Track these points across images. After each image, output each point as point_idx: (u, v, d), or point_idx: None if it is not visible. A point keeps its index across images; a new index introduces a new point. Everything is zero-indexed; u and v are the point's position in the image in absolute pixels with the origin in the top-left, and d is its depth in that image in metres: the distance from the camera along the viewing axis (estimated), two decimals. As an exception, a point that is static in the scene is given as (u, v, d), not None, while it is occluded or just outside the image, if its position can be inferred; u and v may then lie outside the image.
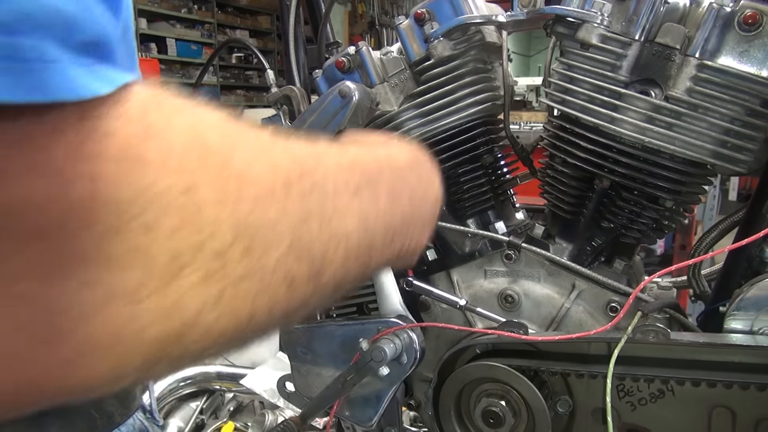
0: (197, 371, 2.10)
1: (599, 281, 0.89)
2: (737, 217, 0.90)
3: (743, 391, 0.75)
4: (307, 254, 0.37)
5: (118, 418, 0.52)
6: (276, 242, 0.35)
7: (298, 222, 0.37)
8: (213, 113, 0.35)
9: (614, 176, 0.85)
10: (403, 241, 0.53)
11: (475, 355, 0.91)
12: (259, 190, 0.34)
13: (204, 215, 0.31)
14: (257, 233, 0.34)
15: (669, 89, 0.79)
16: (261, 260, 0.34)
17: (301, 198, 0.37)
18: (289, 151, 0.39)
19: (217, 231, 0.31)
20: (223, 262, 0.32)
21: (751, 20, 0.73)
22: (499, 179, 1.01)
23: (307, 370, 0.95)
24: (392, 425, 0.94)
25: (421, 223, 0.56)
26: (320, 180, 0.40)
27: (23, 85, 0.24)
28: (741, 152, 0.79)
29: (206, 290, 0.31)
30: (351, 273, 0.44)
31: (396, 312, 0.88)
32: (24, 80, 0.24)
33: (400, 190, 0.52)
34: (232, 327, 0.34)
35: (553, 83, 0.87)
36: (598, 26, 0.80)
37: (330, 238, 0.40)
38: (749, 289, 0.79)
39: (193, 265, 0.30)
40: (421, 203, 0.57)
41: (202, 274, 0.31)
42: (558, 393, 0.85)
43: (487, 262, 0.97)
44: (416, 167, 0.58)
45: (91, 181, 0.27)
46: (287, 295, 0.37)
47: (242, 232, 0.33)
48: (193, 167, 0.31)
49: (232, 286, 0.32)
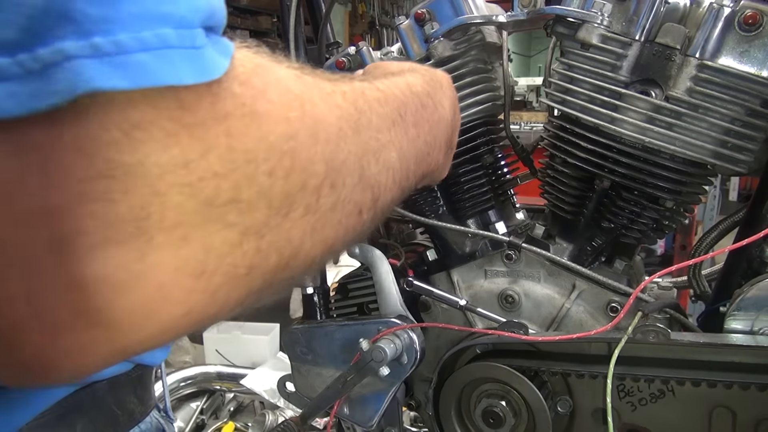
0: (198, 371, 2.10)
1: (599, 281, 0.89)
2: (737, 218, 0.90)
3: (743, 391, 0.75)
4: (369, 185, 0.43)
5: (138, 415, 0.53)
6: (350, 176, 0.41)
7: (361, 157, 0.42)
8: (289, 68, 0.39)
9: (614, 176, 0.85)
10: (428, 162, 0.58)
11: (476, 356, 0.91)
12: (334, 131, 0.39)
13: (305, 157, 0.36)
14: (339, 169, 0.39)
15: (669, 89, 0.79)
16: (341, 193, 0.40)
17: (360, 136, 0.43)
18: (344, 94, 0.44)
19: (313, 170, 0.37)
20: (317, 197, 0.37)
21: (752, 20, 0.73)
22: (500, 179, 1.01)
23: (307, 370, 0.95)
24: (392, 425, 0.94)
25: (439, 145, 0.61)
26: (369, 118, 0.45)
27: (199, 68, 0.30)
28: (741, 152, 0.79)
29: (306, 223, 0.37)
30: (396, 198, 0.49)
31: (396, 312, 0.88)
32: (197, 65, 0.30)
33: (422, 116, 0.56)
34: (321, 253, 0.40)
35: (554, 83, 0.87)
36: (598, 26, 0.80)
37: (381, 169, 0.45)
38: (749, 290, 0.79)
39: (298, 202, 0.36)
40: (439, 126, 0.61)
41: (303, 209, 0.36)
42: (558, 393, 0.85)
43: (487, 262, 0.97)
44: (432, 93, 0.62)
45: (227, 136, 0.31)
46: (356, 221, 0.42)
47: (329, 170, 0.38)
48: (293, 116, 0.36)
49: (323, 217, 0.38)
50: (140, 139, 0.28)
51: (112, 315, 0.29)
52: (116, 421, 0.51)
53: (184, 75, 0.29)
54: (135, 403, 0.53)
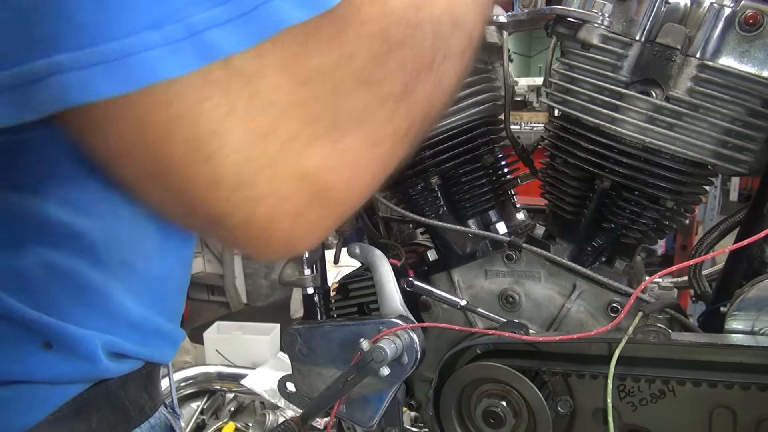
0: (198, 371, 2.10)
1: (600, 281, 0.89)
2: (738, 218, 0.90)
3: (744, 391, 0.75)
4: (460, 29, 0.46)
5: (148, 411, 0.55)
6: (426, 66, 0.43)
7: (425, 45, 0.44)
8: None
9: (615, 176, 0.85)
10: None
11: (476, 356, 0.91)
12: (411, 30, 0.41)
13: (401, 57, 0.39)
14: (428, 58, 0.42)
15: (670, 89, 0.79)
16: (429, 80, 0.43)
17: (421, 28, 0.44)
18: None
19: (408, 64, 0.40)
20: (434, 55, 0.42)
21: (752, 20, 0.73)
22: (500, 179, 1.01)
23: (307, 371, 0.95)
24: (393, 425, 0.94)
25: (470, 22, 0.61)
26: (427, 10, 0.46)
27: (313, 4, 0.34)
28: (742, 152, 0.79)
29: (434, 79, 0.42)
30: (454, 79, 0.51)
31: (397, 312, 0.88)
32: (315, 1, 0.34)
33: None
34: (445, 102, 0.46)
35: (554, 83, 0.87)
36: (598, 26, 0.80)
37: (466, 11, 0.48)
38: (750, 290, 0.79)
39: (424, 60, 0.41)
40: None
41: (428, 67, 0.41)
42: (559, 393, 0.85)
43: (487, 262, 0.97)
44: None
45: (350, 60, 0.36)
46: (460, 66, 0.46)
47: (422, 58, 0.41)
48: (387, 21, 0.39)
49: (440, 68, 0.42)
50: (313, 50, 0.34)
51: (333, 193, 0.37)
52: (128, 416, 0.53)
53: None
54: (145, 398, 0.55)
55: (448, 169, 0.95)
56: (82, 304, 0.46)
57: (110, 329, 0.48)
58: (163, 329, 0.54)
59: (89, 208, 0.44)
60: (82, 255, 0.45)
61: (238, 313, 3.96)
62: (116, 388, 0.51)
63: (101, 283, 0.46)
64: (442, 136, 0.93)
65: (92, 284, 0.46)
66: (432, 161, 0.95)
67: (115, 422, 0.51)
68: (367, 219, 1.08)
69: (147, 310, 0.51)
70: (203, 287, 4.29)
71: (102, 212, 0.45)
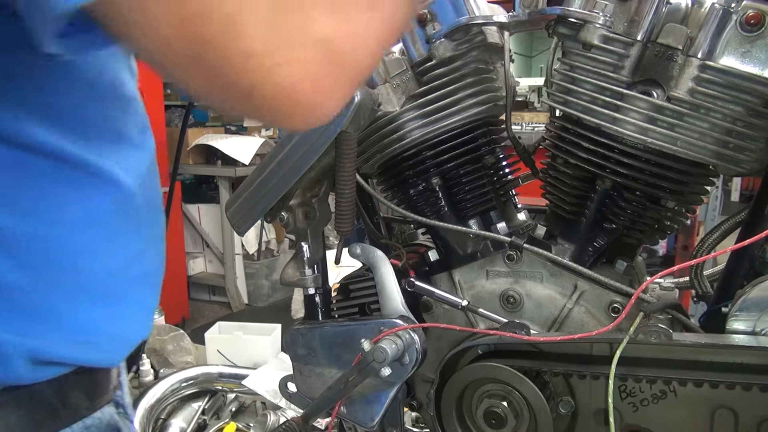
0: (199, 372, 2.10)
1: (601, 282, 0.88)
2: (740, 218, 0.90)
3: (746, 392, 0.75)
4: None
5: (83, 411, 0.53)
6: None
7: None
8: None
9: (616, 177, 0.84)
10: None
11: (477, 356, 0.91)
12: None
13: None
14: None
15: (671, 90, 0.79)
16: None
17: None
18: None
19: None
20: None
21: (754, 21, 0.73)
22: (501, 180, 1.01)
23: (309, 371, 0.95)
24: (394, 426, 0.94)
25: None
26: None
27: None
28: (743, 153, 0.79)
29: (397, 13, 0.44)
30: None
31: (398, 312, 0.88)
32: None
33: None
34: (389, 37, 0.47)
35: (555, 84, 0.87)
36: (600, 27, 0.80)
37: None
38: (752, 290, 0.79)
39: None
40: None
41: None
42: (560, 394, 0.85)
43: (488, 262, 0.97)
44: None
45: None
46: None
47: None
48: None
49: None
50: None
51: (345, 56, 0.40)
52: (55, 414, 0.51)
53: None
54: (80, 397, 0.53)
55: (449, 169, 0.95)
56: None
57: (36, 334, 0.46)
58: (112, 332, 0.51)
59: (10, 204, 0.44)
60: (2, 255, 0.44)
61: (240, 314, 3.95)
62: (41, 388, 0.49)
63: (24, 285, 0.45)
64: (444, 137, 0.93)
65: (12, 285, 0.44)
66: (433, 161, 0.95)
67: (39, 419, 0.49)
68: (369, 219, 1.08)
69: (86, 312, 0.49)
70: (204, 287, 4.29)
71: (26, 209, 0.44)
